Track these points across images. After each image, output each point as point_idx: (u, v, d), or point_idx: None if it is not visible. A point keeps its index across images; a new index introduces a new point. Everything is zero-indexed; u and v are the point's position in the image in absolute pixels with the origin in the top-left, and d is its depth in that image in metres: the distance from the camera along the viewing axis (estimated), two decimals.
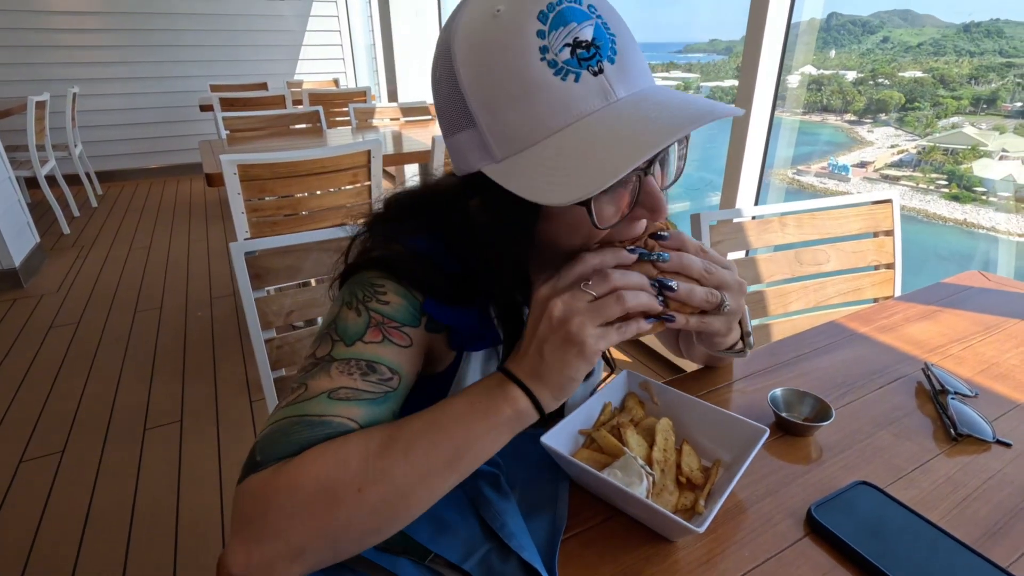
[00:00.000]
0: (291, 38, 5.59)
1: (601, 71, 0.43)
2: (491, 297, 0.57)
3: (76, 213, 4.26)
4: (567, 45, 0.43)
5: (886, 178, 2.13)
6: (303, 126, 3.14)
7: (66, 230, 3.88)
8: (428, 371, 0.61)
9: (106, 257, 3.47)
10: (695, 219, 1.14)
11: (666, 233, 0.52)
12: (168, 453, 1.81)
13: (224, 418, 1.98)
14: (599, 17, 0.44)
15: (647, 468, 0.56)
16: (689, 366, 0.81)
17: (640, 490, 0.52)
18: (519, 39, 0.43)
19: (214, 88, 4.50)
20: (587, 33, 0.43)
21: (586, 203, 0.46)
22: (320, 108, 3.08)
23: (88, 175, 4.59)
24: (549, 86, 0.43)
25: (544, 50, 0.43)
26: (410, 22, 4.40)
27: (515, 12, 0.43)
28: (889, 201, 1.29)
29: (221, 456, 1.80)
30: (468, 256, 0.55)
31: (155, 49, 5.08)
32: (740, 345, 0.66)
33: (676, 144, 0.51)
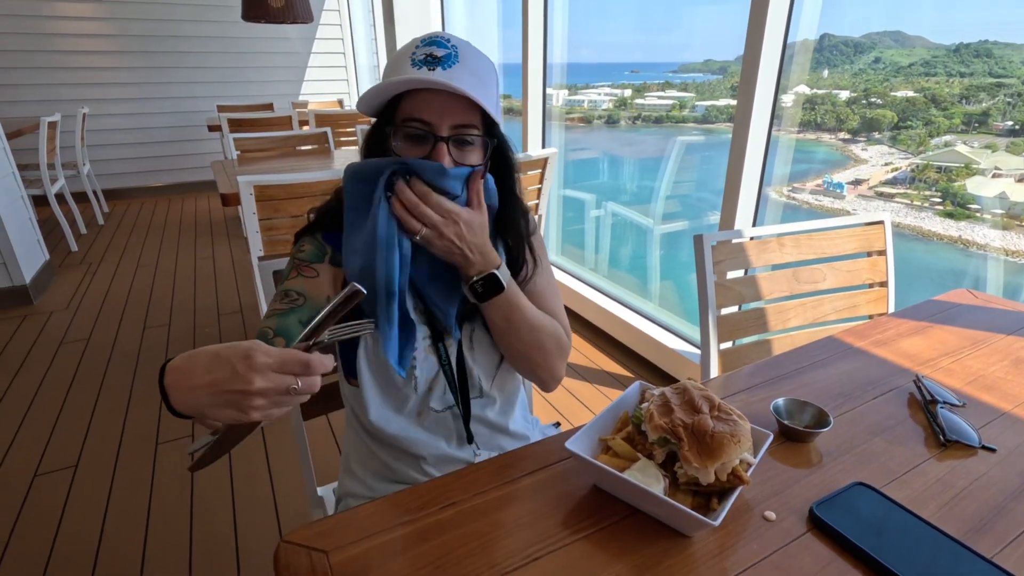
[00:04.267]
0: (297, 59, 5.72)
1: (433, 70, 0.70)
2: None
3: (83, 230, 4.31)
4: (425, 54, 0.71)
5: (881, 195, 2.16)
6: (310, 147, 3.22)
7: (74, 247, 3.94)
8: None
9: (114, 274, 3.52)
10: (697, 240, 1.20)
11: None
12: (180, 467, 1.85)
13: None
14: (455, 48, 0.72)
15: (663, 471, 0.61)
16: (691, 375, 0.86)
17: (658, 490, 0.57)
18: (404, 52, 0.73)
19: (221, 108, 4.59)
20: (440, 52, 0.71)
21: (390, 133, 0.74)
22: (328, 129, 3.16)
23: (95, 193, 4.66)
24: (404, 69, 0.71)
25: (412, 55, 0.72)
26: None
27: (412, 42, 0.74)
28: (881, 223, 1.36)
29: (233, 470, 1.83)
30: None
31: (163, 71, 5.19)
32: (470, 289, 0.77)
33: (470, 135, 0.74)
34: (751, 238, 1.26)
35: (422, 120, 0.72)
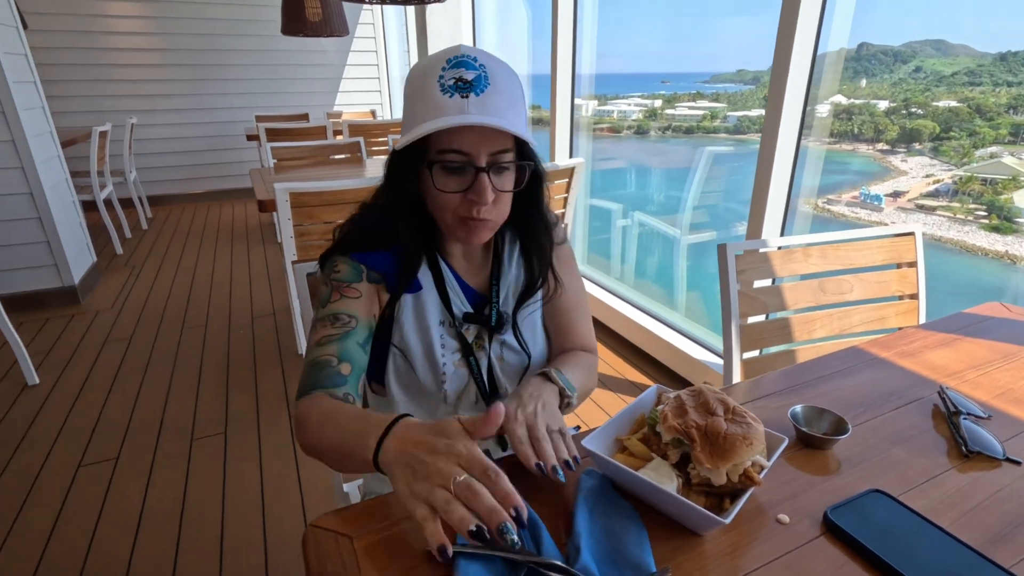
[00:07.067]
0: (332, 71, 5.89)
1: (466, 97, 0.68)
2: (403, 240, 0.79)
3: (128, 235, 4.51)
4: (454, 79, 0.69)
5: (921, 208, 2.10)
6: (344, 156, 3.32)
7: (119, 251, 4.12)
8: (383, 315, 0.83)
9: (155, 277, 3.67)
10: (721, 249, 1.21)
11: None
12: (213, 461, 1.92)
13: (265, 430, 2.08)
14: (483, 68, 0.70)
15: (676, 471, 0.62)
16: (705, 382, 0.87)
17: (671, 488, 0.59)
18: (430, 71, 0.71)
19: (259, 119, 4.75)
20: (469, 76, 0.69)
21: (431, 170, 0.73)
22: (361, 139, 3.25)
23: (140, 199, 4.87)
24: (434, 95, 0.69)
25: (440, 78, 0.70)
26: None
27: (436, 59, 0.71)
28: (912, 234, 1.34)
29: (263, 466, 1.89)
30: (388, 210, 0.79)
31: (205, 83, 5.42)
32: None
33: (506, 162, 0.74)
34: (776, 248, 1.26)
35: (460, 151, 0.70)
